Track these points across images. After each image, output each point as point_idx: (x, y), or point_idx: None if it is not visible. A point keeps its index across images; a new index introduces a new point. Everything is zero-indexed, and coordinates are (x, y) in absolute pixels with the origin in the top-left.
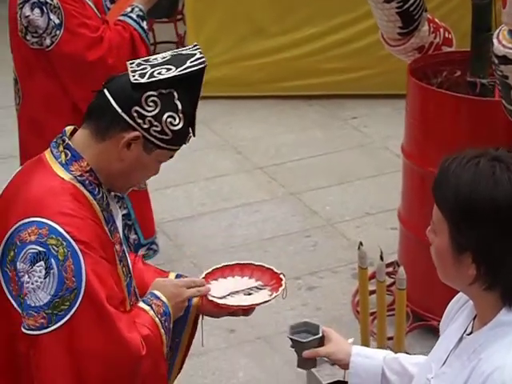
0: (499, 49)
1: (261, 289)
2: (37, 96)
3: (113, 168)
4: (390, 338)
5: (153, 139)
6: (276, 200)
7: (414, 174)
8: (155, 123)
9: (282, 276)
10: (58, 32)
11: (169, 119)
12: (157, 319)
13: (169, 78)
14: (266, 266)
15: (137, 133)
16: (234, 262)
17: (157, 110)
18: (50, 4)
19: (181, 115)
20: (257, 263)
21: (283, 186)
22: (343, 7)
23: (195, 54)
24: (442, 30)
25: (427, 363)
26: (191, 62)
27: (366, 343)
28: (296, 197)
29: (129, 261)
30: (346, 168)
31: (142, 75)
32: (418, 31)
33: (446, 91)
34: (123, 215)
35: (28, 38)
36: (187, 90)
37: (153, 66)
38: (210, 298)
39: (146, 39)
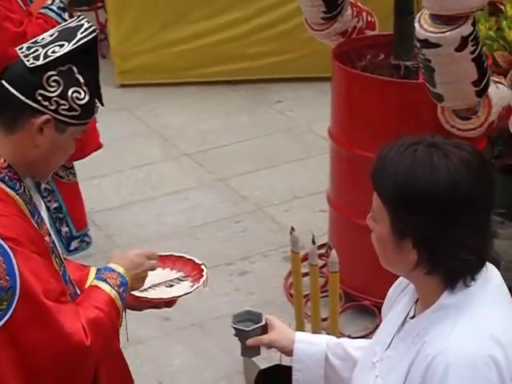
0: (421, 33)
1: (182, 280)
2: None
3: (30, 157)
4: (325, 320)
5: (63, 118)
6: (204, 187)
7: (342, 157)
8: (62, 102)
9: (203, 267)
10: None
11: (74, 94)
12: (113, 292)
13: (64, 53)
14: (187, 256)
15: (46, 116)
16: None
17: (60, 89)
18: None
19: (85, 88)
20: (178, 254)
21: (211, 172)
22: None
23: (83, 25)
24: (364, 13)
25: (371, 347)
26: (81, 33)
27: (300, 325)
28: (224, 183)
29: (59, 251)
30: (273, 152)
31: (37, 57)
32: (341, 16)
33: (370, 74)
34: (54, 208)
35: None
36: (85, 61)
37: (44, 46)
38: (131, 292)
39: None
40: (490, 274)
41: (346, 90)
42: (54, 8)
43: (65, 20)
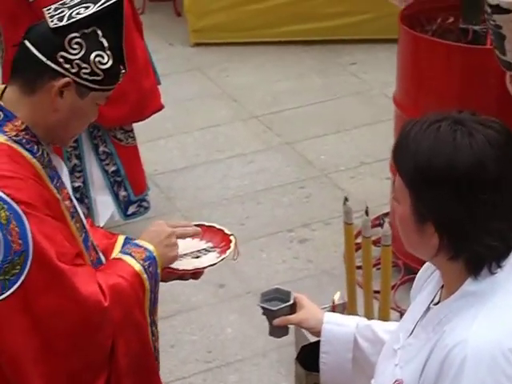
0: None
1: (210, 251)
2: None
3: (49, 120)
4: (378, 292)
5: (85, 82)
6: (271, 150)
7: None
8: (84, 65)
9: (232, 238)
10: None
11: (97, 58)
12: (138, 266)
13: (88, 15)
14: (218, 226)
15: (67, 79)
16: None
17: (83, 52)
18: None
19: (108, 52)
20: (208, 224)
21: (279, 135)
22: None
23: None
24: None
25: (396, 333)
26: None
27: (352, 299)
28: (291, 146)
29: (82, 216)
30: (343, 116)
31: (61, 18)
32: None
33: (436, 39)
34: (112, 172)
35: None
36: (110, 25)
37: (70, 8)
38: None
39: None
40: None
41: (412, 54)
42: None
43: None
